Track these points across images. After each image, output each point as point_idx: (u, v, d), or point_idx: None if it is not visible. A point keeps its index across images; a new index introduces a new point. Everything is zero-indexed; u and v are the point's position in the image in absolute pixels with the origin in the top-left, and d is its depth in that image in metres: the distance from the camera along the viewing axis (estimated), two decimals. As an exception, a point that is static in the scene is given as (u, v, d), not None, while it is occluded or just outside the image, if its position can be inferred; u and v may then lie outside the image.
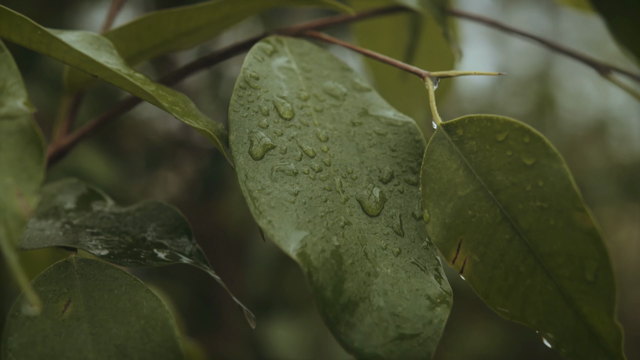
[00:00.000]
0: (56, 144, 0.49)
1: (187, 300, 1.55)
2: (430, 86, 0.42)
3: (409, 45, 0.60)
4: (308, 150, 0.42)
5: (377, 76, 0.67)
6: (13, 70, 0.37)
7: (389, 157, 0.43)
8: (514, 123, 0.39)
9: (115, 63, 0.43)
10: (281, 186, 0.40)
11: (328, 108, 0.44)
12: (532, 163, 0.38)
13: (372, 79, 0.67)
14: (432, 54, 0.64)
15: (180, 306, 1.58)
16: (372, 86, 0.47)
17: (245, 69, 0.43)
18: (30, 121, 0.35)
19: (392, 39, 0.66)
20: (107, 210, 0.46)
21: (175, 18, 0.47)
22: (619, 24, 0.49)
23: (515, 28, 0.47)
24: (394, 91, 0.66)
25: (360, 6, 0.55)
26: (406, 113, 0.69)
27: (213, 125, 0.42)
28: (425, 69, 0.66)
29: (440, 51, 0.63)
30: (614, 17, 0.49)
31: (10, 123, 0.35)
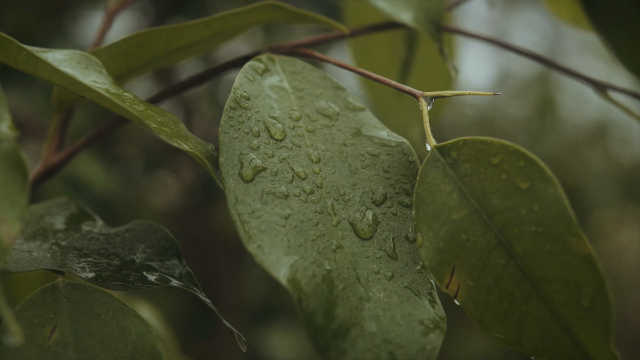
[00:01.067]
0: (45, 161, 0.49)
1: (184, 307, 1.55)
2: (424, 106, 0.41)
3: (405, 60, 0.59)
4: (299, 172, 0.41)
5: (372, 91, 0.66)
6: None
7: (382, 179, 0.42)
8: (509, 146, 0.38)
9: (103, 83, 0.43)
10: (272, 209, 0.39)
11: (320, 128, 0.43)
12: (527, 187, 0.38)
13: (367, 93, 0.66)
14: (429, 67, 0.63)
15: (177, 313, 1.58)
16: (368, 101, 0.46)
17: (236, 89, 0.42)
18: (13, 146, 0.34)
19: (388, 52, 0.65)
20: (96, 230, 0.46)
21: (166, 35, 0.46)
22: (618, 39, 0.49)
23: (513, 45, 0.47)
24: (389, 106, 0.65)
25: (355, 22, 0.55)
26: (402, 128, 0.69)
27: (202, 147, 0.42)
28: (421, 83, 0.65)
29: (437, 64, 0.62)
30: (611, 33, 0.49)
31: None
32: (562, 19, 0.55)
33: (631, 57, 0.49)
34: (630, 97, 0.47)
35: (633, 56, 0.48)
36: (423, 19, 0.47)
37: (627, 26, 0.48)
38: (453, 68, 0.47)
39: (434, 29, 0.47)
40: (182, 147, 0.40)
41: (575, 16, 0.54)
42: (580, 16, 0.52)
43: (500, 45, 0.48)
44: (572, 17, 0.54)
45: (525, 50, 0.47)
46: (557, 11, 0.54)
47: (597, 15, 0.49)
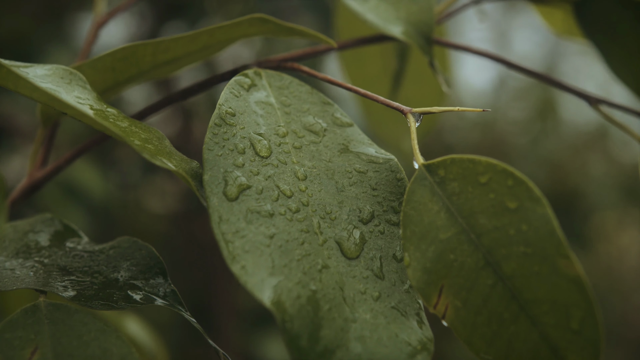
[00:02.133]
0: (30, 176, 0.48)
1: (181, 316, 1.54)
2: (412, 123, 0.41)
3: (397, 71, 0.58)
4: (285, 189, 0.40)
5: (365, 102, 0.66)
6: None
7: (369, 196, 0.42)
8: (496, 165, 0.37)
9: (87, 98, 0.42)
10: (256, 229, 0.38)
11: (307, 145, 0.43)
12: (515, 207, 0.37)
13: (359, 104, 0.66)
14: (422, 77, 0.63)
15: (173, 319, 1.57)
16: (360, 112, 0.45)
17: (221, 105, 0.41)
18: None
19: (380, 63, 0.64)
20: (80, 248, 0.45)
21: (152, 49, 0.45)
22: (611, 52, 0.48)
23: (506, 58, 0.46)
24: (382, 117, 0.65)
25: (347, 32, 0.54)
26: (394, 140, 0.68)
27: (187, 164, 0.41)
28: (415, 94, 0.65)
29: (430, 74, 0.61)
30: (604, 45, 0.48)
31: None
32: (556, 30, 0.54)
33: (624, 70, 0.48)
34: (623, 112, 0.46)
35: (626, 68, 0.48)
36: (413, 32, 0.47)
37: (620, 38, 0.47)
38: (444, 82, 0.46)
39: (424, 42, 0.46)
40: (166, 165, 0.39)
41: (568, 28, 0.53)
42: (574, 28, 0.51)
43: (492, 59, 0.47)
44: (565, 29, 0.54)
45: (519, 64, 0.47)
46: (550, 23, 0.53)
47: (589, 28, 0.48)
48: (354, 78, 0.65)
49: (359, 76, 0.65)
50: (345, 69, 0.66)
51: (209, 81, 0.47)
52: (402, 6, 0.48)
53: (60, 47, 1.49)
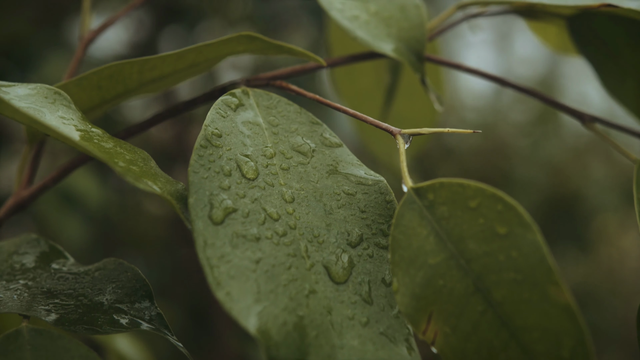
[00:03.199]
0: (17, 195, 0.47)
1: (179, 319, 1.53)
2: (401, 145, 0.40)
3: (389, 86, 0.57)
4: (272, 212, 0.39)
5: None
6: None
7: (358, 219, 0.41)
8: (485, 190, 0.37)
9: (71, 118, 0.41)
10: (242, 253, 0.38)
11: (295, 166, 0.42)
12: (505, 232, 0.36)
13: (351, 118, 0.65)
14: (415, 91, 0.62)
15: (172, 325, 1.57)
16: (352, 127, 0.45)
17: (207, 126, 0.41)
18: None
19: (373, 77, 0.63)
20: (65, 269, 0.44)
21: (138, 67, 0.44)
22: (605, 68, 0.47)
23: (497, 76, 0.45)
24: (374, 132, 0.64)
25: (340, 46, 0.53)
26: (386, 155, 0.67)
27: (172, 186, 0.40)
28: (408, 108, 0.64)
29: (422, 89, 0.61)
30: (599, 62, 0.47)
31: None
32: (550, 46, 0.53)
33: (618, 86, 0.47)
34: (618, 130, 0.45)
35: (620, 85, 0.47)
36: (404, 49, 0.46)
37: (613, 55, 0.47)
38: (436, 100, 0.45)
39: (416, 60, 0.45)
40: (151, 188, 0.38)
41: (562, 44, 0.52)
42: (568, 44, 0.51)
43: (486, 78, 0.46)
44: (559, 45, 0.53)
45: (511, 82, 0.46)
46: (544, 39, 0.53)
47: (583, 43, 0.48)
48: (346, 91, 0.65)
49: (352, 89, 0.64)
50: (338, 82, 0.65)
51: (197, 99, 0.46)
52: (393, 22, 0.47)
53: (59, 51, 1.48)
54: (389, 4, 0.48)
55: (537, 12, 0.49)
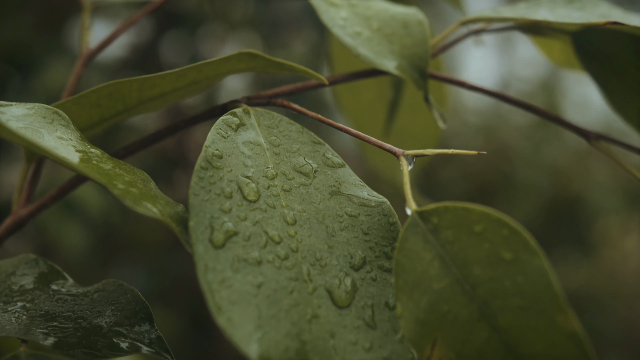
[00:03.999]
0: (15, 214, 0.47)
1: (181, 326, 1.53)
2: (405, 167, 0.39)
3: (392, 101, 0.57)
4: (274, 235, 0.39)
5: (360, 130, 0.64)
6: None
7: (361, 241, 0.40)
8: (490, 215, 0.36)
9: (69, 139, 0.41)
10: (243, 277, 0.37)
11: (297, 187, 0.41)
12: (511, 258, 0.36)
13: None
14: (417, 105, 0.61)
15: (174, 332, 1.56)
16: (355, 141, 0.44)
17: (208, 146, 0.40)
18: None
19: (375, 90, 0.63)
20: (64, 291, 0.44)
21: (138, 85, 0.44)
22: (610, 85, 0.47)
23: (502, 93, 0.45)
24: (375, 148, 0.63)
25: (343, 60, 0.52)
26: (390, 170, 0.66)
27: (172, 208, 0.40)
28: (409, 123, 0.63)
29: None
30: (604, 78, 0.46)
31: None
32: (554, 61, 0.52)
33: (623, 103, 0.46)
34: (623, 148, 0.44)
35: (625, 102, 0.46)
36: (407, 67, 0.45)
37: (618, 71, 0.46)
38: (439, 117, 0.45)
39: (419, 77, 0.45)
40: (150, 211, 0.38)
41: (567, 59, 0.52)
42: (572, 59, 0.50)
43: (488, 94, 0.46)
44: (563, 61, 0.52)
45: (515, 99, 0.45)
46: (548, 54, 0.52)
47: (587, 59, 0.47)
48: (348, 105, 0.64)
49: (354, 103, 0.64)
50: (340, 95, 0.65)
51: (197, 117, 0.46)
52: (395, 39, 0.46)
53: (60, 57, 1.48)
54: (392, 20, 0.47)
55: (541, 28, 0.48)
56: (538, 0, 0.48)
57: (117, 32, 0.52)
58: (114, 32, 0.52)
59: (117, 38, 0.52)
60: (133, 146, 0.46)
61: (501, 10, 0.47)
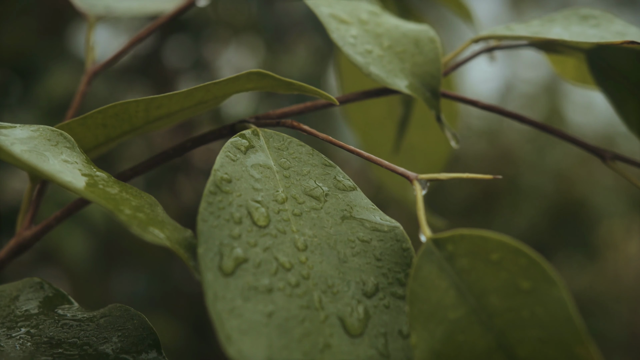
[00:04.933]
0: (19, 236, 0.46)
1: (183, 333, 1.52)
2: (419, 191, 0.38)
3: (402, 118, 0.56)
4: (284, 262, 0.38)
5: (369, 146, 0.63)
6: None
7: (373, 268, 0.39)
8: (508, 243, 0.35)
9: (75, 162, 0.40)
10: (254, 306, 0.36)
11: (308, 211, 0.40)
12: (529, 288, 0.35)
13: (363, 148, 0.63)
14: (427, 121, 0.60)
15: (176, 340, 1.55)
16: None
17: (217, 170, 0.39)
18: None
19: (385, 106, 0.62)
20: (69, 315, 0.43)
21: (144, 105, 0.43)
22: (625, 103, 0.46)
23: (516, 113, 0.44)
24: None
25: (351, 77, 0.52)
26: (401, 188, 0.65)
27: (180, 233, 0.39)
28: (419, 139, 0.62)
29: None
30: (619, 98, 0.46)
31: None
32: (568, 78, 0.51)
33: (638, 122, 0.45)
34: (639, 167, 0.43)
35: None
36: (419, 85, 0.44)
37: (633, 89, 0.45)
38: (452, 137, 0.44)
39: (431, 96, 0.44)
40: (157, 237, 0.37)
41: (581, 76, 0.51)
42: (587, 76, 0.49)
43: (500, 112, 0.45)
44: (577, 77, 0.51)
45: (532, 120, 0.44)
46: (561, 71, 0.51)
47: (602, 76, 0.46)
48: (357, 121, 0.63)
49: (363, 119, 0.63)
50: (349, 111, 0.64)
51: (205, 137, 0.45)
52: (407, 57, 0.45)
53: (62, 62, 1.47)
54: (403, 38, 0.46)
55: (555, 46, 0.47)
56: (551, 17, 0.47)
57: (124, 49, 0.52)
58: (121, 49, 0.51)
59: (124, 55, 0.51)
60: (139, 167, 0.45)
61: (515, 27, 0.46)
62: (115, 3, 0.55)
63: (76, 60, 1.56)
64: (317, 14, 0.45)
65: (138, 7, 0.56)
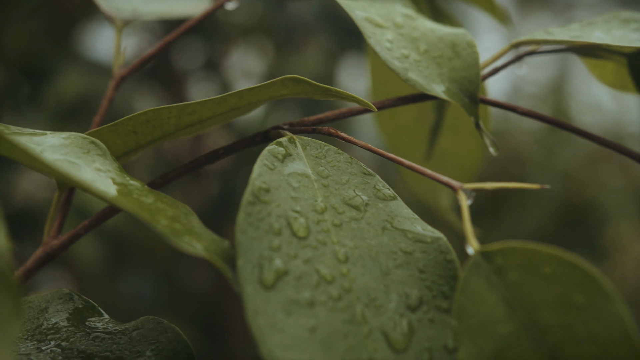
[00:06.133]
0: (46, 245, 0.45)
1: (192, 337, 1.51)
2: (464, 201, 0.37)
3: (435, 124, 0.55)
4: (325, 274, 0.37)
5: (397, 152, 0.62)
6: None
7: (417, 280, 0.38)
8: (561, 257, 0.34)
9: (108, 170, 0.39)
10: (296, 321, 0.35)
11: (348, 222, 0.39)
12: (583, 303, 0.33)
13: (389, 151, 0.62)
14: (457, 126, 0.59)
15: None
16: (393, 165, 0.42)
17: (255, 179, 0.38)
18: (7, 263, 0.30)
19: (415, 112, 0.61)
20: (101, 327, 0.41)
21: (177, 112, 0.42)
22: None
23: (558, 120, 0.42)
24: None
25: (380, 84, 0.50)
26: (432, 194, 0.64)
27: (218, 245, 0.38)
28: (450, 145, 0.61)
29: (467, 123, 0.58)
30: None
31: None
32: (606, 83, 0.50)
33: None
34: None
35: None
36: (456, 90, 0.43)
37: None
38: (492, 144, 0.42)
39: (470, 102, 0.43)
40: (195, 248, 0.36)
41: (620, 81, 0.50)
42: (627, 81, 0.48)
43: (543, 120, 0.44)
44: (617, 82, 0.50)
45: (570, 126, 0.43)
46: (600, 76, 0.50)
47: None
48: (386, 126, 0.62)
49: (392, 124, 0.61)
50: (377, 116, 0.62)
51: (237, 144, 0.44)
52: (444, 62, 0.44)
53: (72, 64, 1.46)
54: (440, 42, 0.45)
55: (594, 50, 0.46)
56: (591, 20, 0.46)
57: (151, 53, 0.50)
58: (148, 54, 0.50)
59: (152, 60, 0.50)
60: (171, 174, 0.44)
61: (554, 32, 0.44)
62: (143, 7, 0.54)
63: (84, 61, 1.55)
64: (352, 18, 0.44)
65: (166, 11, 0.55)
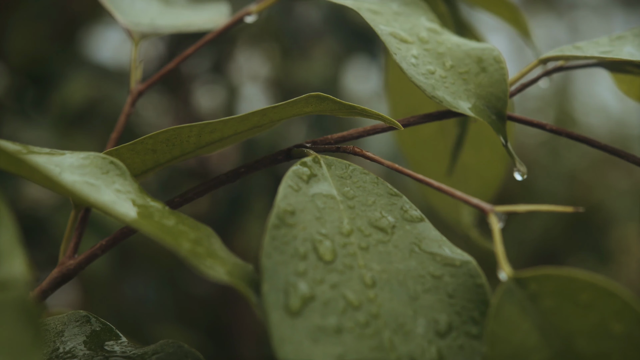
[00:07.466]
0: (62, 266, 0.44)
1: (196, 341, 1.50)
2: (495, 225, 0.36)
3: (457, 139, 0.54)
4: (352, 299, 0.36)
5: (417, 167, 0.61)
6: (6, 226, 0.31)
7: (446, 305, 0.37)
8: (599, 285, 0.33)
9: (128, 191, 0.38)
10: (323, 348, 0.34)
11: (375, 244, 0.38)
12: (622, 332, 0.32)
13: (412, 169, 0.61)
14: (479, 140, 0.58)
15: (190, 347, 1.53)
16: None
17: (280, 201, 0.37)
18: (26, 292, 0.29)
19: (436, 126, 0.59)
20: (119, 351, 0.40)
21: (197, 130, 0.41)
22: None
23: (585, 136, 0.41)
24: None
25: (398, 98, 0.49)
26: (453, 212, 0.63)
27: (241, 269, 0.37)
28: (472, 159, 0.60)
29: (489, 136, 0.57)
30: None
31: (3, 295, 0.29)
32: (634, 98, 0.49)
33: None
34: None
35: None
36: (483, 108, 0.42)
37: None
38: (520, 166, 0.41)
39: (497, 119, 0.42)
40: (218, 273, 0.35)
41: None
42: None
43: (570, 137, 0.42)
44: (639, 96, 0.49)
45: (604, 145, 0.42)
46: (627, 91, 0.49)
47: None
48: (406, 141, 0.61)
49: (412, 139, 0.60)
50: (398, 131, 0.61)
51: (258, 163, 0.43)
52: (470, 78, 0.43)
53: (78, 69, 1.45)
54: (466, 58, 0.44)
55: (624, 65, 0.45)
56: (621, 34, 0.45)
57: (169, 67, 0.49)
58: (166, 69, 0.49)
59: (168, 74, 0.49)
60: (190, 193, 0.43)
61: (583, 47, 0.43)
62: (160, 20, 0.53)
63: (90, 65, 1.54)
64: (377, 33, 0.43)
65: (183, 24, 0.54)
